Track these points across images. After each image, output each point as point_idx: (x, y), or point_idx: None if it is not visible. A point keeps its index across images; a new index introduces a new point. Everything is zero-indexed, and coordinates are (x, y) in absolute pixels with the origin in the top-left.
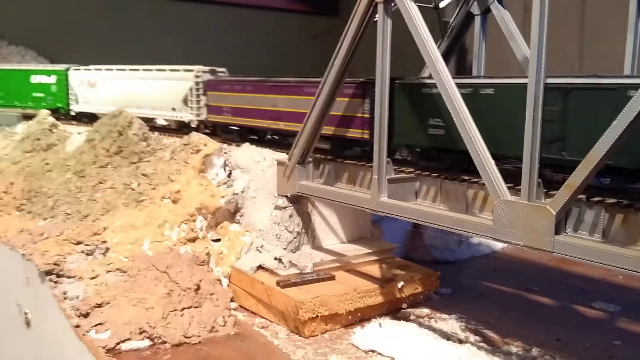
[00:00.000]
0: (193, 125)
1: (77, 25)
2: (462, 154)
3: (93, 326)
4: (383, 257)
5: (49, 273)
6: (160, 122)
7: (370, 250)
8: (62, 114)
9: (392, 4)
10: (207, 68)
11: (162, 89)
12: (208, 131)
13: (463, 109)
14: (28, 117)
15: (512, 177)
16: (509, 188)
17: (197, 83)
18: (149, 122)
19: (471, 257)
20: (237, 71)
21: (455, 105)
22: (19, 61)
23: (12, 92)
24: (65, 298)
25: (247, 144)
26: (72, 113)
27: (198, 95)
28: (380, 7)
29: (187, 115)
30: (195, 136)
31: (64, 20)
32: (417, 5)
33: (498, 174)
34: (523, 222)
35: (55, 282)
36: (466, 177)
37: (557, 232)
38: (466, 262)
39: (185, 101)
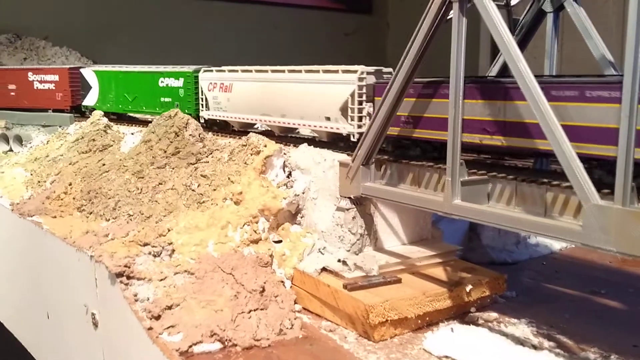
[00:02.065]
0: (353, 138)
1: (120, 25)
2: None
3: (165, 328)
4: (447, 260)
5: (119, 275)
6: (306, 132)
7: (434, 253)
8: None
9: (468, 3)
10: (371, 68)
11: (313, 94)
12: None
13: (547, 108)
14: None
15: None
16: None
17: (360, 87)
18: (290, 131)
19: (530, 257)
20: None
21: (539, 105)
22: (64, 62)
23: (140, 96)
24: (136, 300)
25: (305, 145)
26: (201, 120)
27: (361, 102)
28: (456, 6)
29: (345, 127)
30: (254, 137)
31: (107, 21)
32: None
33: (587, 177)
34: (617, 228)
35: (126, 284)
36: (545, 180)
37: None
38: (525, 264)
39: (344, 109)
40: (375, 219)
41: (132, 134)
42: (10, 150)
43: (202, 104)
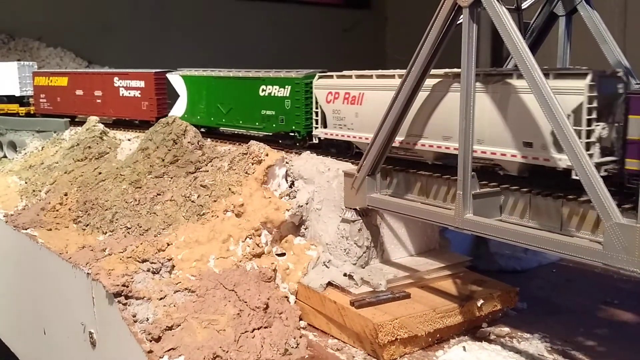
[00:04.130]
0: (576, 176)
1: (116, 25)
2: None
3: (166, 351)
4: (456, 272)
5: (117, 295)
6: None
7: (443, 265)
8: (298, 140)
9: (479, 7)
10: (606, 71)
11: (500, 109)
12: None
13: (564, 119)
14: (77, 124)
15: None
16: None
17: (591, 99)
18: (449, 159)
19: (539, 265)
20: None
21: (556, 116)
22: (58, 63)
23: (236, 107)
24: (136, 321)
25: (307, 152)
26: (315, 140)
27: (590, 122)
28: (466, 11)
29: (562, 157)
30: (255, 145)
31: (102, 20)
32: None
33: (608, 194)
34: None
35: (124, 304)
36: (560, 193)
37: None
38: (535, 271)
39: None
40: (381, 230)
41: (129, 140)
42: (5, 156)
43: (316, 120)
